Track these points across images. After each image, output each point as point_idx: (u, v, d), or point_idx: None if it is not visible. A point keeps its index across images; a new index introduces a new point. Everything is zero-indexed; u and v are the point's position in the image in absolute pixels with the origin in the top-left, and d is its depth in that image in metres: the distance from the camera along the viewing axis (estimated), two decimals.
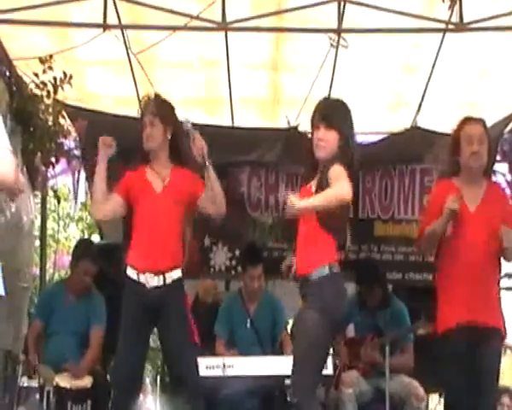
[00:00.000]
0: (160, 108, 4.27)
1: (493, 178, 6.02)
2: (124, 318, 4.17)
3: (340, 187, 3.60)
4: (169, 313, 4.15)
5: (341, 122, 3.83)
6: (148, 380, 6.75)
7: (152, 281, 4.12)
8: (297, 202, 3.60)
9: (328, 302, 3.67)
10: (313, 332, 3.66)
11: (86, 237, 9.14)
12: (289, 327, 5.91)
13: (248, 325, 5.32)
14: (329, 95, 5.79)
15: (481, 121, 4.25)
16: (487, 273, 4.11)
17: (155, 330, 4.39)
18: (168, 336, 4.19)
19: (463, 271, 4.04)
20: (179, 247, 4.27)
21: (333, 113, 3.85)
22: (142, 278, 4.13)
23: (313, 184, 3.79)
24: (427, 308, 4.33)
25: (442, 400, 5.19)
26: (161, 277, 4.14)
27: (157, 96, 4.39)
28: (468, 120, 4.24)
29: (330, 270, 3.70)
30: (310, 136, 5.72)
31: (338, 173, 3.66)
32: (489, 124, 5.89)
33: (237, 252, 6.19)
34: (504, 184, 6.12)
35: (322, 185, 3.69)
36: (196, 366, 4.23)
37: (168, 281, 4.15)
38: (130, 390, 4.22)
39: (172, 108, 4.35)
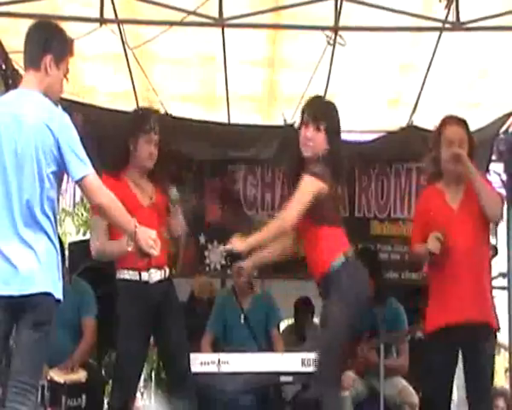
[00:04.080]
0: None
1: (488, 178, 6.10)
2: (126, 320, 4.16)
3: (282, 215, 3.78)
4: (169, 309, 4.19)
5: (330, 125, 3.89)
6: (143, 376, 6.73)
7: (156, 276, 4.17)
8: (239, 244, 3.72)
9: (346, 291, 3.73)
10: (335, 325, 3.70)
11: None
12: (282, 327, 5.92)
13: (242, 319, 5.33)
14: (326, 92, 5.82)
15: (462, 122, 4.21)
16: (477, 269, 4.08)
17: None
18: (169, 331, 4.22)
19: (453, 270, 4.02)
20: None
21: (324, 114, 3.90)
22: (145, 276, 4.15)
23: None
24: (424, 307, 4.33)
25: None
26: (163, 271, 4.21)
27: (159, 114, 4.44)
28: (448, 122, 4.20)
29: (346, 259, 3.78)
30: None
31: (299, 190, 3.76)
32: (485, 123, 5.95)
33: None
34: (500, 184, 6.13)
35: None
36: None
37: (167, 275, 4.24)
38: (130, 389, 4.24)
39: None
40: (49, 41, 3.27)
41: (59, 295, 3.15)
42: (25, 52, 3.32)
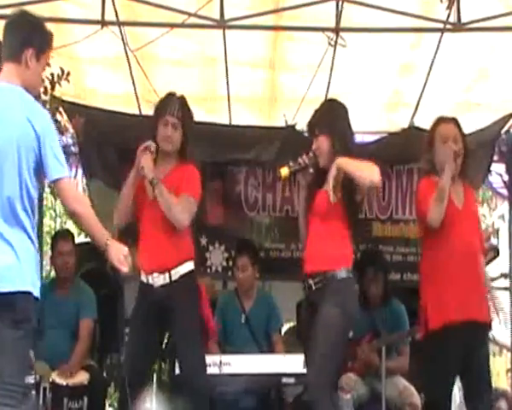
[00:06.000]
0: (185, 114, 4.28)
1: (490, 178, 6.10)
2: (133, 317, 4.28)
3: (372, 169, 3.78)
4: (176, 312, 4.15)
5: (329, 125, 3.89)
6: None
7: (158, 280, 4.15)
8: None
9: (350, 305, 3.83)
10: (336, 332, 3.75)
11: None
12: (285, 328, 5.90)
13: (243, 321, 5.32)
14: (327, 94, 5.82)
15: (454, 120, 4.22)
16: (478, 268, 4.11)
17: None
18: (176, 335, 4.26)
19: (456, 267, 4.02)
20: (183, 241, 4.22)
21: (320, 119, 3.92)
22: (150, 279, 4.18)
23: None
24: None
25: None
26: (167, 274, 4.15)
27: (183, 98, 4.36)
28: (441, 121, 4.22)
29: (350, 273, 3.87)
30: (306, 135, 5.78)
31: (347, 160, 3.78)
32: (486, 124, 5.95)
33: (234, 252, 6.17)
34: (501, 185, 6.14)
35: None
36: (204, 367, 4.24)
37: (174, 277, 4.16)
38: (135, 387, 4.19)
39: (193, 115, 4.38)
40: (30, 34, 3.20)
41: (37, 293, 3.11)
42: (4, 44, 3.24)
